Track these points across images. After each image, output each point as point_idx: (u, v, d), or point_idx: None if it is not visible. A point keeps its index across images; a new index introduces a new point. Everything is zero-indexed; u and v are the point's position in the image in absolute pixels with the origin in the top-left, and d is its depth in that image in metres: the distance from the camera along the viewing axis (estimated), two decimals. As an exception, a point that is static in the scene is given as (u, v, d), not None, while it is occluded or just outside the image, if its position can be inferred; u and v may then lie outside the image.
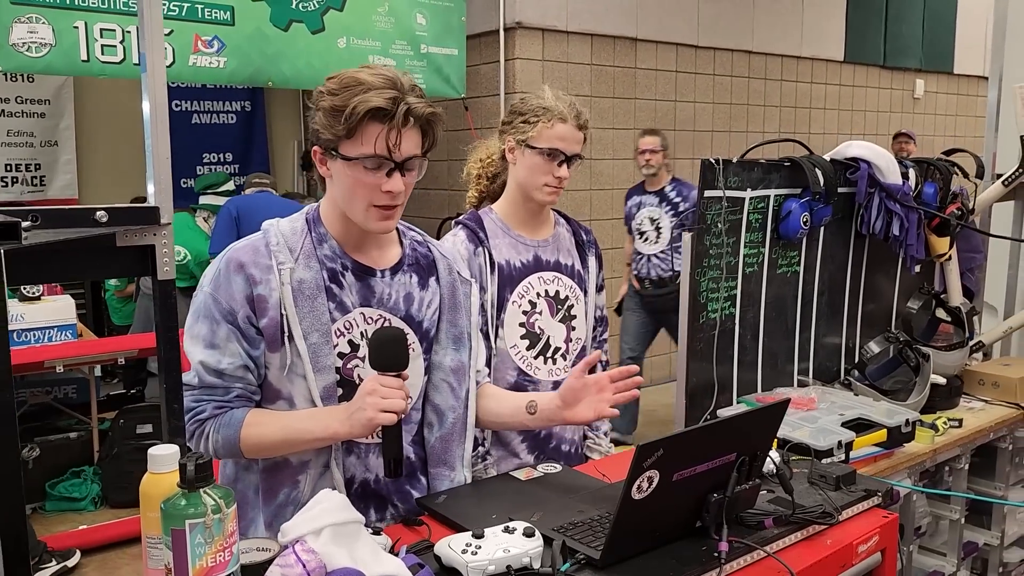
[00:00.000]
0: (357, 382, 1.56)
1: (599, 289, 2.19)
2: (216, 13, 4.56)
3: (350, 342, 1.56)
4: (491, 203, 2.12)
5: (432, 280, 1.67)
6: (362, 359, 1.57)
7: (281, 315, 1.49)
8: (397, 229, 1.67)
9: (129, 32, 4.29)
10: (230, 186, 5.45)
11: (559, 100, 1.99)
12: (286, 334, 1.50)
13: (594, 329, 2.18)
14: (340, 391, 1.55)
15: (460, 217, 2.07)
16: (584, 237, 2.16)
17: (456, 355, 1.68)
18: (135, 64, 4.34)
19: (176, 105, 7.15)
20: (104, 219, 1.21)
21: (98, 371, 4.71)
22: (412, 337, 1.62)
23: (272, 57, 4.80)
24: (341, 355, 1.55)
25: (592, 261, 2.15)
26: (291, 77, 4.93)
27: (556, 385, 2.05)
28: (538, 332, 2.04)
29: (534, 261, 2.06)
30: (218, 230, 4.80)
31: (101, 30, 4.22)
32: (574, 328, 2.10)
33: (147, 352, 4.26)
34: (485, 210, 2.08)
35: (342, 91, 1.46)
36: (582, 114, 2.00)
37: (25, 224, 1.10)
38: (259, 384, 1.55)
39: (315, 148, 1.53)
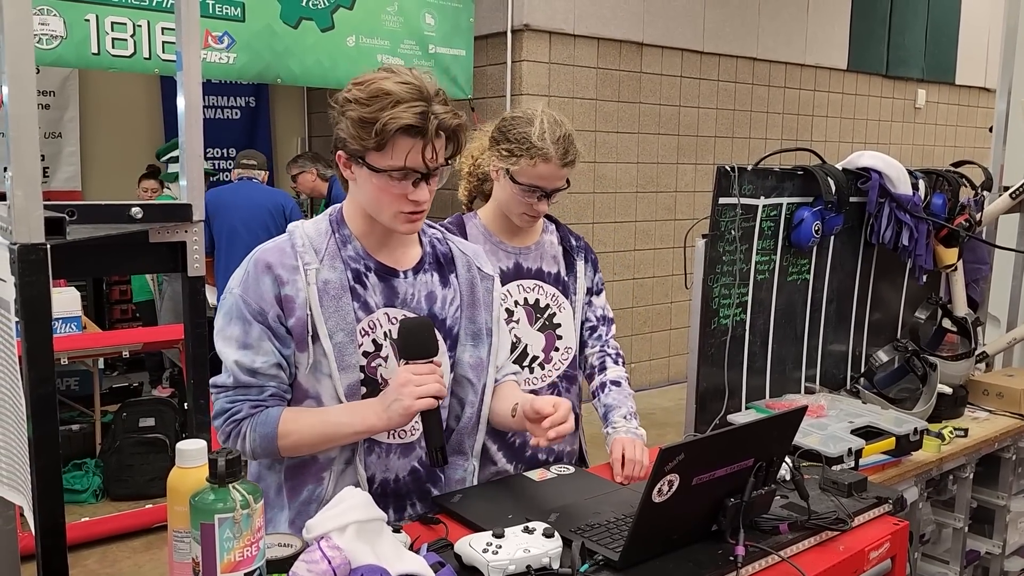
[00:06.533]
0: (380, 381, 1.58)
1: (598, 292, 2.15)
2: (227, 9, 4.57)
3: (374, 341, 1.58)
4: (483, 200, 2.10)
5: (452, 277, 1.68)
6: (384, 359, 1.58)
7: (308, 315, 1.51)
8: None
9: (140, 26, 4.30)
10: None
11: (547, 135, 1.90)
12: (311, 334, 1.51)
13: (596, 330, 2.14)
14: (363, 389, 1.57)
15: (443, 221, 2.00)
16: (573, 243, 2.12)
17: (475, 351, 1.68)
18: (145, 59, 4.36)
19: (181, 99, 7.14)
20: (139, 215, 1.23)
21: (101, 364, 4.71)
22: (436, 335, 1.62)
23: (281, 54, 4.81)
24: (365, 354, 1.57)
25: (581, 266, 2.11)
26: (300, 74, 4.94)
27: (533, 394, 2.01)
28: (514, 340, 2.01)
29: (514, 268, 2.03)
30: None
31: (112, 23, 4.22)
32: (560, 336, 2.08)
33: (153, 346, 4.25)
34: (469, 215, 2.07)
35: (371, 102, 1.45)
36: (570, 151, 1.92)
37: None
38: (290, 383, 1.57)
39: (339, 153, 1.53)
